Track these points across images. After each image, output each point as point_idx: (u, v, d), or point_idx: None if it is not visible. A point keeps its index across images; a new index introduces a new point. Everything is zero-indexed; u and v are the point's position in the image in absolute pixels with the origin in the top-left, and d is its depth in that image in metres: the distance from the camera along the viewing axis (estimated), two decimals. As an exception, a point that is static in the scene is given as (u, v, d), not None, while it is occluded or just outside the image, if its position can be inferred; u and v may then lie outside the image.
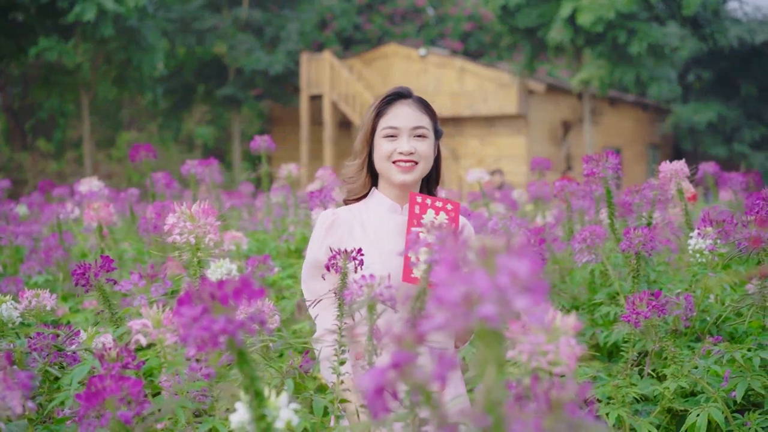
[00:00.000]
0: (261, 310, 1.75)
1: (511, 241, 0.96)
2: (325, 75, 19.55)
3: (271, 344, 2.00)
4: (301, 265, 4.01)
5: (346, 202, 2.31)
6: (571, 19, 17.00)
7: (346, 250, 1.86)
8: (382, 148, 2.17)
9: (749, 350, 2.37)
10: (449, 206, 2.07)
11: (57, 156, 20.15)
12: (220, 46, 21.19)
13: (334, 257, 1.85)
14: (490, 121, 19.89)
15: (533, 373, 1.15)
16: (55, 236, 4.43)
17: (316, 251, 2.18)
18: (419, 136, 2.16)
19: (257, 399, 1.21)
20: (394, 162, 2.15)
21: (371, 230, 2.17)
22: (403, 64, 20.50)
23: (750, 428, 2.19)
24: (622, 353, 2.62)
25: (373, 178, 2.26)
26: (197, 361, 1.62)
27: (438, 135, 2.25)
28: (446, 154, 18.34)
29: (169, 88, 21.51)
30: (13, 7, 16.09)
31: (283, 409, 1.39)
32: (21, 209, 6.08)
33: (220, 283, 1.15)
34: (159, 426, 1.65)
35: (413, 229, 2.02)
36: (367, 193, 2.25)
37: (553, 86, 19.92)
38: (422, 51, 20.12)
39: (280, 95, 21.57)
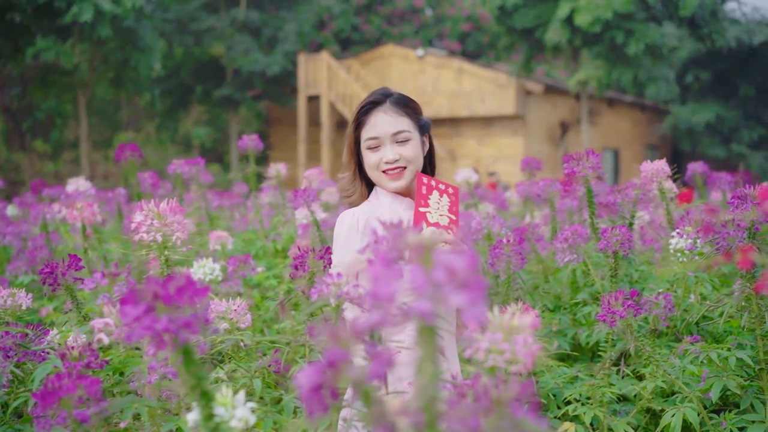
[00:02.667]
0: (205, 308, 1.74)
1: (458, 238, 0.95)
2: (322, 76, 19.55)
3: (243, 344, 1.99)
4: (287, 265, 4.00)
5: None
6: (569, 20, 16.98)
7: (314, 249, 1.85)
8: (369, 159, 2.16)
9: (728, 350, 2.35)
10: (450, 190, 2.10)
11: (54, 156, 20.14)
12: (218, 46, 21.20)
13: (302, 256, 1.84)
14: (487, 121, 19.88)
15: (476, 372, 1.14)
16: (43, 236, 4.43)
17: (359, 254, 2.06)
18: (401, 139, 2.14)
19: (204, 399, 1.19)
20: (383, 171, 2.14)
21: None
22: (400, 64, 20.50)
23: (725, 428, 2.17)
24: (600, 353, 2.61)
25: (368, 184, 2.24)
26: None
27: (424, 130, 2.23)
28: (443, 154, 18.33)
29: (166, 88, 21.51)
30: (10, 8, 16.09)
31: (239, 408, 1.39)
32: (11, 209, 6.07)
33: (164, 282, 1.14)
34: (122, 424, 1.64)
35: (420, 209, 2.02)
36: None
37: (551, 87, 19.92)
38: (420, 51, 20.12)
39: (278, 96, 21.57)
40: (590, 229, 2.93)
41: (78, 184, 4.55)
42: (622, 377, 2.67)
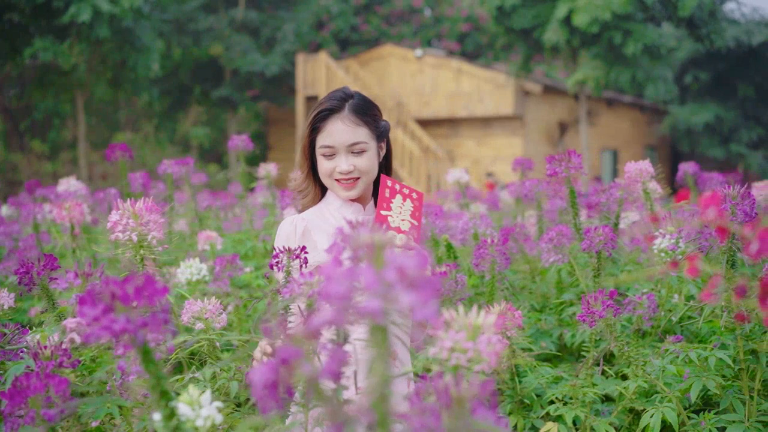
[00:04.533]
0: (164, 308, 1.75)
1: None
2: (320, 76, 19.56)
3: (218, 343, 1.99)
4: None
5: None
6: (567, 20, 16.98)
7: (289, 248, 1.85)
8: (322, 166, 2.13)
9: (711, 350, 2.35)
10: (414, 195, 2.09)
11: (52, 157, 20.15)
12: (217, 47, 21.21)
13: (277, 255, 1.84)
14: (486, 122, 19.88)
15: (434, 371, 1.14)
16: (33, 236, 4.43)
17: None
18: (357, 152, 2.11)
19: (163, 398, 1.20)
20: (336, 180, 2.13)
21: None
22: (399, 64, 20.50)
23: (704, 428, 2.17)
24: (584, 353, 2.61)
25: (322, 186, 2.23)
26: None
27: (383, 136, 2.20)
28: (442, 155, 18.34)
29: (165, 89, 21.52)
30: (8, 8, 16.09)
31: (206, 407, 1.39)
32: (5, 209, 6.07)
33: (123, 282, 1.14)
34: (93, 424, 1.65)
35: (382, 212, 2.02)
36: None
37: (549, 87, 19.92)
38: (418, 52, 20.12)
39: (276, 96, 21.58)
40: (574, 229, 2.93)
41: (69, 184, 4.55)
42: (607, 378, 2.67)
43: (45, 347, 1.65)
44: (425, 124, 20.08)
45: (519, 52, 19.12)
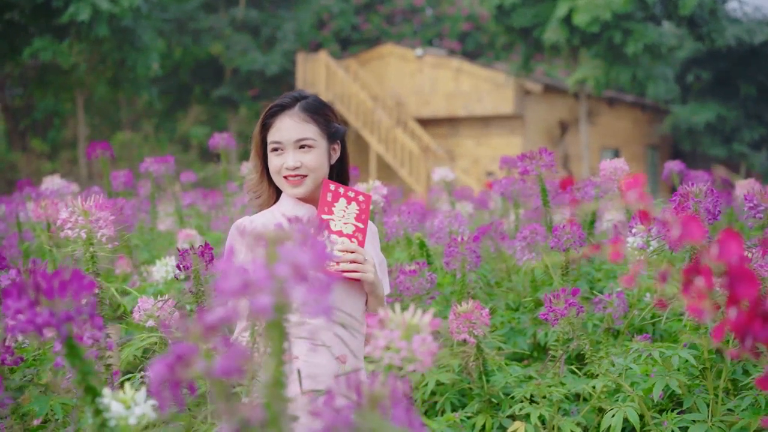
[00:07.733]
0: (92, 302, 1.75)
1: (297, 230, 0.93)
2: (320, 75, 19.55)
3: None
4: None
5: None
6: (567, 19, 16.93)
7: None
8: (272, 163, 2.13)
9: (679, 349, 2.33)
10: (361, 198, 2.07)
11: (52, 156, 20.19)
12: (217, 46, 21.20)
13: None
14: (485, 121, 19.84)
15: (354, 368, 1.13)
16: (16, 235, 4.43)
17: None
18: (304, 147, 2.10)
19: (89, 394, 1.18)
20: (284, 177, 2.12)
21: None
22: (399, 64, 20.48)
23: (667, 428, 2.15)
24: (550, 352, 2.59)
25: (277, 188, 2.21)
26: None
27: (335, 136, 2.18)
28: (442, 154, 18.32)
29: (165, 88, 21.53)
30: (8, 7, 16.10)
31: (140, 405, 1.38)
32: (-6, 208, 6.06)
33: (49, 276, 1.13)
34: (36, 421, 1.64)
35: (323, 216, 2.01)
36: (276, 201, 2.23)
37: (550, 86, 19.86)
38: (418, 51, 20.09)
39: (277, 95, 21.47)
40: (545, 227, 2.92)
41: (52, 182, 4.55)
42: (579, 377, 2.65)
43: (-12, 344, 1.64)
44: (425, 123, 20.05)
45: (519, 52, 19.07)
